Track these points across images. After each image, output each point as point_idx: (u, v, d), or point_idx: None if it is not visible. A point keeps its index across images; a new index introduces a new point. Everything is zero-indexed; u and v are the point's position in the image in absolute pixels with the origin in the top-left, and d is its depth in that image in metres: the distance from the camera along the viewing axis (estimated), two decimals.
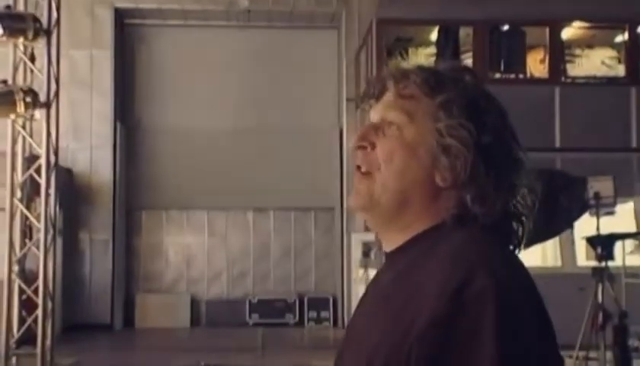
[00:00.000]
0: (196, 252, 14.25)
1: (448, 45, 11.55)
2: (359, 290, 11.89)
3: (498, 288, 1.02)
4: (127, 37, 14.21)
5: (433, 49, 12.13)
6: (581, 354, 7.41)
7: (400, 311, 1.07)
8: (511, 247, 1.18)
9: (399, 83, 1.21)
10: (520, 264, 1.13)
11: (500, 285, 1.02)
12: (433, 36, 12.13)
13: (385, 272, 1.24)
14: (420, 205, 1.18)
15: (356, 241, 12.53)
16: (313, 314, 13.74)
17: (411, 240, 1.18)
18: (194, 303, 13.92)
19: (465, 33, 11.81)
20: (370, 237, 11.43)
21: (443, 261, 1.08)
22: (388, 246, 1.23)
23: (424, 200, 1.17)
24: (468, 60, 11.51)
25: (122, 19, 13.95)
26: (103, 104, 13.42)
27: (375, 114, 1.24)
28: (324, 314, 13.74)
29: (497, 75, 11.60)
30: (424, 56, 12.20)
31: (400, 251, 1.20)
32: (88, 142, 13.34)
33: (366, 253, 11.91)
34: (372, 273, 11.33)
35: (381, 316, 1.12)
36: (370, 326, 1.14)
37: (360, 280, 12.05)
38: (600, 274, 7.42)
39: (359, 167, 1.22)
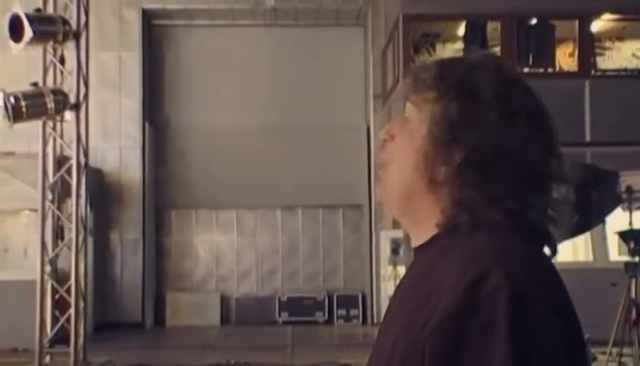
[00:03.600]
0: (225, 251, 14.32)
1: (475, 40, 11.46)
2: (388, 288, 11.85)
3: (513, 286, 1.01)
4: (155, 38, 14.32)
5: (460, 45, 12.05)
6: (615, 350, 7.32)
7: (417, 309, 1.08)
8: (546, 249, 1.16)
9: (414, 82, 1.21)
10: (545, 263, 1.12)
11: (515, 283, 1.02)
12: (461, 31, 12.04)
13: (408, 272, 1.26)
14: (424, 199, 1.17)
15: (385, 238, 12.49)
16: (342, 312, 13.72)
17: (430, 240, 1.18)
18: (224, 301, 13.99)
19: (492, 27, 11.71)
20: (399, 234, 11.38)
21: (459, 261, 1.08)
22: (415, 241, 1.24)
23: (428, 195, 1.17)
24: (496, 54, 11.41)
25: (149, 20, 14.06)
26: (131, 104, 13.53)
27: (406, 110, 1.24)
28: (353, 312, 13.71)
29: (526, 69, 11.48)
30: (451, 52, 12.12)
31: (422, 249, 1.20)
32: (118, 143, 13.47)
33: (394, 250, 11.87)
34: (400, 270, 11.33)
35: (400, 316, 1.14)
36: (391, 326, 1.15)
37: (388, 277, 12.01)
38: (633, 269, 7.32)
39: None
